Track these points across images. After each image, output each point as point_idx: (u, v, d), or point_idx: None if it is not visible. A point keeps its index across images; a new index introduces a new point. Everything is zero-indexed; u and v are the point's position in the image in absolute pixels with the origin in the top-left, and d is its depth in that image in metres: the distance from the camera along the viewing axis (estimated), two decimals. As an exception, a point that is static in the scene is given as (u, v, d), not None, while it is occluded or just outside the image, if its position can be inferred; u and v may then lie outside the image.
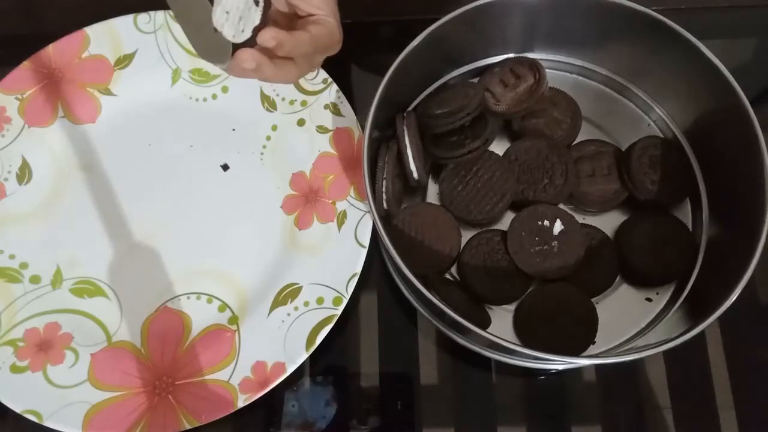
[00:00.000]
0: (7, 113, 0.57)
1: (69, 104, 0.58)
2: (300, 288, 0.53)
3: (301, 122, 0.58)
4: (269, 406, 0.52)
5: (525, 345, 0.44)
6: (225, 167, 0.58)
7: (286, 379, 0.50)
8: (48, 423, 0.49)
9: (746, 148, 0.47)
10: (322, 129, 0.57)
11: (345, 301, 0.51)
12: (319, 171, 0.56)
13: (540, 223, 0.52)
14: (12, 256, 0.54)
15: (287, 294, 0.53)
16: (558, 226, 0.52)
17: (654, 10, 0.49)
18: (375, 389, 0.53)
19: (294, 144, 0.57)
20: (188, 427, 0.49)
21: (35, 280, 0.54)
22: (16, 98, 0.57)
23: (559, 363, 0.49)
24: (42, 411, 0.49)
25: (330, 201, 0.55)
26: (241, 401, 0.49)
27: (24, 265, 0.54)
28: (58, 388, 0.50)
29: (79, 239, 0.55)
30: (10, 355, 0.51)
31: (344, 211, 0.55)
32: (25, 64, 0.57)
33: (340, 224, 0.54)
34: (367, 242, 0.53)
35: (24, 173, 0.57)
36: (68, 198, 0.56)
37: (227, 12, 0.44)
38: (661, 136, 0.56)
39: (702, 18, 0.64)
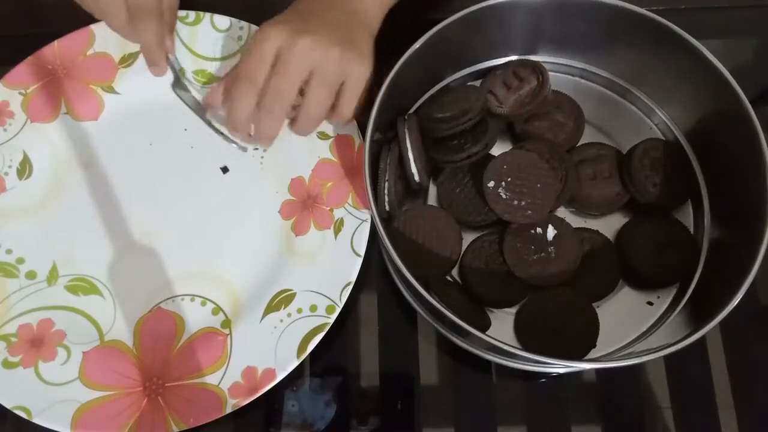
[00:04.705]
0: (10, 108, 0.57)
1: (72, 101, 0.58)
2: (294, 294, 0.53)
3: (302, 127, 0.57)
4: (269, 406, 0.52)
5: (525, 348, 0.44)
6: (225, 170, 0.57)
7: (286, 378, 0.50)
8: (37, 420, 0.49)
9: (747, 149, 0.47)
10: (322, 135, 0.57)
11: (338, 310, 0.51)
12: (318, 177, 0.56)
13: (533, 231, 0.52)
14: (9, 251, 0.54)
15: (281, 300, 0.53)
16: (551, 232, 0.52)
17: (653, 10, 0.49)
18: (375, 389, 0.53)
19: (294, 149, 0.57)
20: (176, 429, 0.49)
21: (31, 275, 0.54)
22: (20, 93, 0.57)
23: (559, 367, 0.49)
24: (31, 408, 0.49)
25: (328, 208, 0.55)
26: (230, 406, 0.49)
27: (20, 260, 0.54)
28: (49, 385, 0.50)
29: (76, 236, 0.55)
30: (3, 350, 0.51)
31: (341, 219, 0.54)
32: (30, 60, 0.58)
33: (336, 232, 0.54)
34: (362, 251, 0.53)
35: (24, 168, 0.57)
36: (67, 195, 0.57)
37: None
38: (663, 138, 0.56)
39: (702, 18, 0.64)
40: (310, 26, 0.47)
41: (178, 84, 0.58)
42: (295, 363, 0.50)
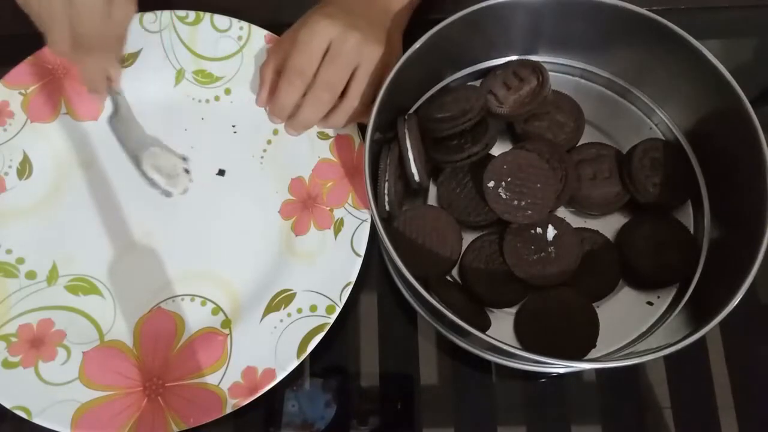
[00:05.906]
0: (10, 108, 0.57)
1: (72, 101, 0.58)
2: (294, 294, 0.53)
3: (302, 127, 0.57)
4: (269, 406, 0.52)
5: (525, 348, 0.44)
6: (222, 172, 0.57)
7: (286, 378, 0.50)
8: (37, 420, 0.49)
9: (747, 149, 0.47)
10: (322, 135, 0.57)
11: (338, 310, 0.51)
12: (318, 177, 0.56)
13: (533, 231, 0.52)
14: (9, 251, 0.54)
15: (281, 300, 0.53)
16: (551, 231, 0.52)
17: (654, 10, 0.49)
18: (375, 389, 0.53)
19: (294, 149, 0.57)
20: (176, 429, 0.49)
21: (31, 275, 0.54)
22: (20, 93, 0.57)
23: (559, 367, 0.49)
24: (31, 408, 0.49)
25: (327, 208, 0.55)
26: (230, 406, 0.49)
27: (20, 260, 0.54)
28: (49, 385, 0.50)
29: (76, 236, 0.55)
30: (3, 351, 0.51)
31: (341, 219, 0.54)
32: (30, 60, 0.58)
33: (336, 232, 0.54)
34: (362, 251, 0.53)
35: (24, 168, 0.57)
36: (67, 195, 0.57)
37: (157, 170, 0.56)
38: (663, 138, 0.56)
39: (702, 18, 0.64)
40: (357, 22, 0.50)
41: (116, 117, 0.56)
42: (295, 363, 0.50)
